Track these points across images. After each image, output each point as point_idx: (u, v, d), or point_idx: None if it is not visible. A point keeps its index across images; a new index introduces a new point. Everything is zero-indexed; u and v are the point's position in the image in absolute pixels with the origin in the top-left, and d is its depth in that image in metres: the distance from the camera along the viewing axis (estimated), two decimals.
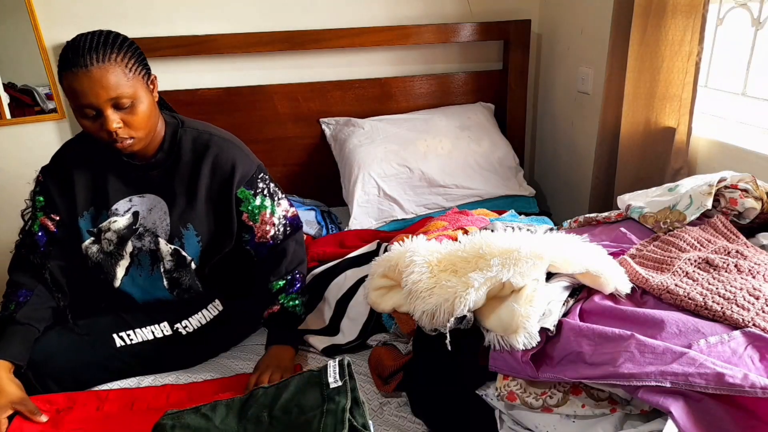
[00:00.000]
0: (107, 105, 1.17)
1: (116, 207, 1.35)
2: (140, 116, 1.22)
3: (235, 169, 1.35)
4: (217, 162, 1.35)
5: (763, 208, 1.27)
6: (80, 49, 1.15)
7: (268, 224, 1.40)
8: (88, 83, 1.14)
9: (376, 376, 1.26)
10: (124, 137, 1.21)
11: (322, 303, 1.54)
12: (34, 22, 1.97)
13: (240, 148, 1.40)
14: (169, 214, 1.35)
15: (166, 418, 1.06)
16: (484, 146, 2.19)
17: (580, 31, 2.17)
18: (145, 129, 1.24)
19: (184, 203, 1.35)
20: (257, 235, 1.40)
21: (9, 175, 2.12)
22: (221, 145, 1.37)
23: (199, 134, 1.38)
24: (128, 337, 1.34)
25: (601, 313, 1.05)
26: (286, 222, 1.44)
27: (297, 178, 2.32)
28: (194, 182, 1.35)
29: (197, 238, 1.36)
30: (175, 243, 1.35)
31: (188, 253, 1.36)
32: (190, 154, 1.35)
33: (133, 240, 1.35)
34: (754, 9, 1.60)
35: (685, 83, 1.66)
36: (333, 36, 2.17)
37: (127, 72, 1.18)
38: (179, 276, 1.38)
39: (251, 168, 1.39)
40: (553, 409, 0.98)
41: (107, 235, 1.35)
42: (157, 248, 1.35)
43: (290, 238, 1.45)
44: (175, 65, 2.14)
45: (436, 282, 1.14)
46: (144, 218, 1.36)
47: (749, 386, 0.82)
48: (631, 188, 1.68)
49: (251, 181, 1.38)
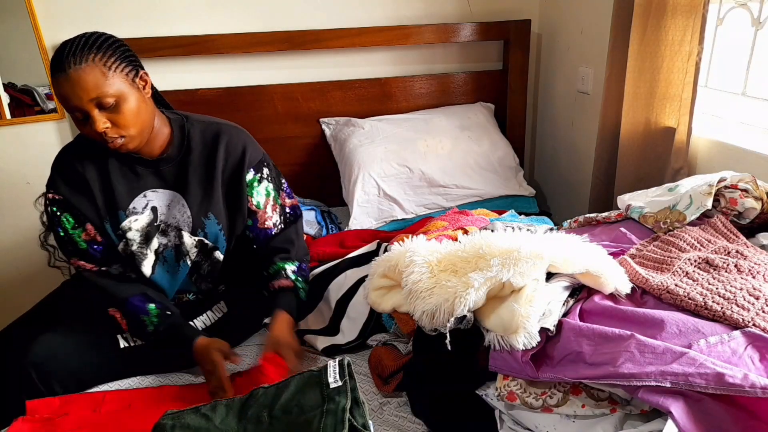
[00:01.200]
0: (91, 106, 1.17)
1: (133, 206, 1.34)
2: (127, 114, 1.20)
3: (246, 152, 1.40)
4: (230, 147, 1.39)
5: (763, 208, 1.27)
6: (62, 54, 1.15)
7: (269, 211, 1.44)
8: (69, 87, 1.15)
9: (376, 376, 1.26)
10: (114, 137, 1.20)
11: (322, 303, 1.54)
12: (34, 22, 1.97)
13: (248, 134, 1.46)
14: (189, 206, 1.36)
15: (166, 418, 1.05)
16: (484, 146, 2.19)
17: (580, 31, 2.17)
18: (136, 126, 1.23)
19: (201, 193, 1.36)
20: (259, 221, 1.43)
21: (9, 175, 2.12)
22: (231, 131, 1.41)
23: (207, 125, 1.41)
24: (132, 338, 1.34)
25: (601, 313, 1.05)
26: (287, 211, 1.49)
27: (297, 178, 2.32)
28: (210, 171, 1.37)
29: (218, 226, 1.38)
30: (198, 234, 1.37)
31: (212, 241, 1.38)
32: (201, 145, 1.38)
33: (158, 237, 1.36)
34: (754, 9, 1.60)
35: (685, 83, 1.66)
36: (333, 36, 2.18)
37: (106, 71, 1.17)
38: (201, 261, 1.40)
39: (258, 154, 1.44)
40: (553, 409, 0.98)
41: (129, 234, 1.33)
42: (181, 242, 1.36)
43: (291, 226, 1.49)
44: (175, 65, 2.14)
45: (436, 282, 1.14)
46: (164, 214, 1.36)
47: (749, 386, 0.82)
48: (631, 188, 1.68)
49: (258, 166, 1.43)
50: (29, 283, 2.21)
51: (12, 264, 2.22)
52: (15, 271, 2.23)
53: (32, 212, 2.14)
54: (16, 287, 2.23)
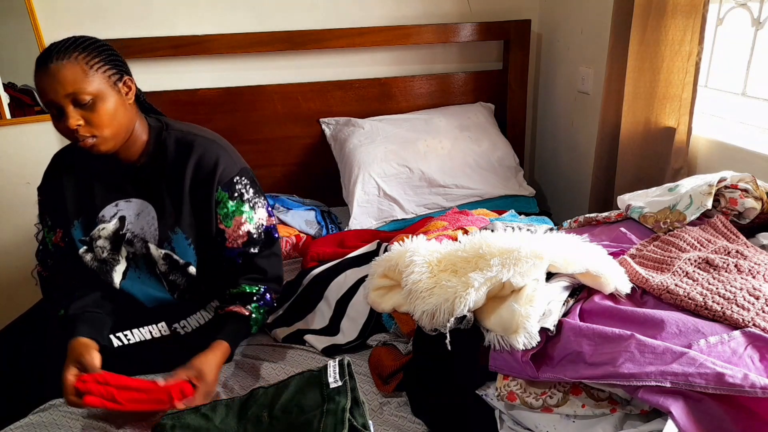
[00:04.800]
0: (66, 101, 1.16)
1: (103, 213, 1.34)
2: (102, 115, 1.19)
3: (216, 170, 1.33)
4: (200, 162, 1.33)
5: (763, 208, 1.27)
6: (48, 51, 1.17)
7: (240, 230, 1.36)
8: (46, 80, 1.15)
9: (376, 376, 1.26)
10: (85, 135, 1.20)
11: (322, 303, 1.54)
12: (34, 22, 1.97)
13: (225, 149, 1.38)
14: (158, 218, 1.34)
15: (166, 418, 1.06)
16: (484, 146, 2.19)
17: (580, 31, 2.17)
18: (110, 128, 1.21)
19: (171, 207, 1.34)
20: (228, 239, 1.36)
21: (9, 175, 2.12)
22: (205, 145, 1.35)
23: (183, 135, 1.36)
24: (125, 337, 1.33)
25: (601, 313, 1.05)
26: (261, 231, 1.39)
27: (297, 178, 2.32)
28: (179, 184, 1.33)
29: (187, 241, 1.34)
30: (165, 247, 1.33)
31: (181, 257, 1.34)
32: (174, 155, 1.34)
33: (125, 245, 1.35)
34: (754, 9, 1.60)
35: (685, 83, 1.66)
36: (333, 36, 2.18)
37: (87, 69, 1.17)
38: (175, 278, 1.37)
39: (233, 170, 1.36)
40: (553, 409, 0.98)
41: (99, 242, 1.34)
42: (148, 252, 1.34)
43: (266, 251, 1.40)
44: (175, 65, 2.14)
45: (436, 282, 1.14)
46: (132, 223, 1.35)
47: (749, 386, 0.82)
48: (631, 188, 1.68)
49: (229, 184, 1.35)
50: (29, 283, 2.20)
51: (12, 264, 2.22)
52: (15, 271, 2.23)
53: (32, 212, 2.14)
54: (16, 287, 2.22)
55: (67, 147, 1.40)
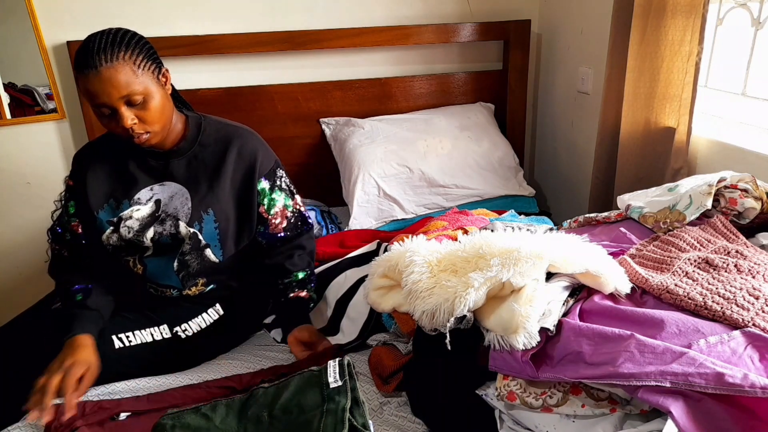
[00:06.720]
0: (120, 103, 1.21)
1: (138, 196, 1.37)
2: (153, 111, 1.25)
3: (257, 160, 1.42)
4: (242, 152, 1.41)
5: (763, 208, 1.27)
6: (90, 51, 1.18)
7: (281, 217, 1.47)
8: (99, 84, 1.18)
9: (376, 376, 1.26)
10: (140, 132, 1.25)
11: (322, 303, 1.54)
12: (34, 22, 1.97)
13: (261, 140, 1.48)
14: (191, 199, 1.37)
15: (166, 418, 1.06)
16: (484, 146, 2.19)
17: (580, 31, 2.18)
18: (160, 122, 1.28)
19: (206, 189, 1.38)
20: (271, 227, 1.46)
21: (9, 175, 2.12)
22: (245, 136, 1.44)
23: (223, 126, 1.44)
24: (127, 339, 1.34)
25: (601, 313, 1.05)
26: (298, 216, 1.52)
27: (297, 178, 2.30)
28: (218, 170, 1.39)
29: (215, 224, 1.38)
30: (194, 226, 1.37)
31: (205, 238, 1.38)
32: (214, 144, 1.40)
33: (155, 226, 1.37)
34: (754, 9, 1.60)
35: (685, 83, 1.66)
36: (333, 36, 2.18)
37: (136, 69, 1.21)
38: (190, 259, 1.39)
39: (271, 161, 1.46)
40: (553, 408, 0.98)
41: (128, 222, 1.36)
42: (177, 232, 1.36)
43: (306, 233, 1.53)
44: (175, 65, 2.14)
45: (436, 282, 1.14)
46: (165, 205, 1.38)
47: (749, 386, 0.82)
48: (631, 188, 1.69)
49: (270, 174, 1.45)
50: (29, 283, 2.21)
51: (12, 264, 2.22)
52: (15, 271, 2.23)
53: (32, 212, 2.15)
54: (16, 287, 2.23)
55: (97, 140, 1.44)
